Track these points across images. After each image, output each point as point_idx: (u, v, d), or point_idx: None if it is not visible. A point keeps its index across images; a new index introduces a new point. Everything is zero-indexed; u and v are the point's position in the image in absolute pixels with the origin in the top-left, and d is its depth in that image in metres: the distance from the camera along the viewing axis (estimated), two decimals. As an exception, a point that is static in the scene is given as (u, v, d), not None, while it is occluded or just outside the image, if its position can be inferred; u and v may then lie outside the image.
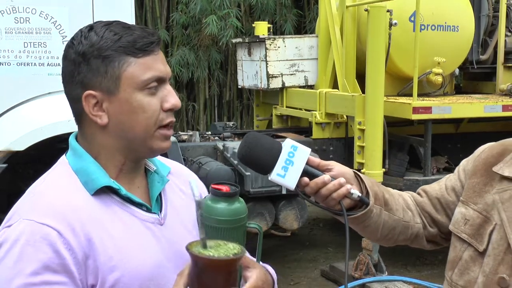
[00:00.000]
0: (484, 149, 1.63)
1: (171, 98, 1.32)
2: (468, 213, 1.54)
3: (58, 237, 1.21)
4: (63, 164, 1.35)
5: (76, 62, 1.28)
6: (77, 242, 1.22)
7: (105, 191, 1.31)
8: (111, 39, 1.27)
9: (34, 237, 1.20)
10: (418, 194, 1.71)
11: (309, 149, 1.47)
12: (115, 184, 1.31)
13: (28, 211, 1.25)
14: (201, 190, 1.54)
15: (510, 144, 1.58)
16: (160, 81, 1.31)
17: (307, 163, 1.45)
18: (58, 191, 1.28)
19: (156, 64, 1.30)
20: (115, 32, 1.28)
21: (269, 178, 1.45)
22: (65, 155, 1.37)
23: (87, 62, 1.27)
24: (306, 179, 1.45)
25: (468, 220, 1.53)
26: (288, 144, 1.45)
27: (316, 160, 1.48)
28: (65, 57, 1.31)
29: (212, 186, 1.40)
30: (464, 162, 1.66)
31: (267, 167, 1.44)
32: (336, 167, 1.50)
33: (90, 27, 1.30)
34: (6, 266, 1.21)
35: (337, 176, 1.47)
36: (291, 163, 1.44)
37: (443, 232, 1.65)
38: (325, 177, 1.45)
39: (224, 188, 1.40)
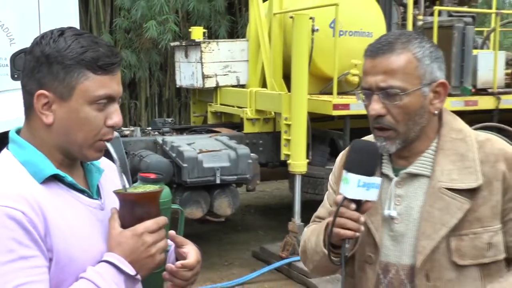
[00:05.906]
0: (340, 157, 1.76)
1: (116, 116, 1.33)
2: None
3: (23, 216, 1.20)
4: (7, 156, 1.33)
5: (39, 61, 1.28)
6: (38, 221, 1.22)
7: (51, 179, 1.31)
8: (77, 51, 1.27)
9: (1, 218, 1.19)
10: (316, 222, 1.77)
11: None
12: (61, 172, 1.32)
13: None
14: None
15: None
16: (110, 99, 1.32)
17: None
18: (10, 180, 1.26)
19: (111, 84, 1.31)
20: (82, 44, 1.28)
21: (370, 178, 1.46)
22: (7, 148, 1.35)
23: (49, 64, 1.27)
24: (370, 204, 1.48)
25: None
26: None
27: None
28: (30, 52, 1.31)
29: (140, 174, 1.56)
30: (331, 176, 1.75)
31: (371, 170, 1.47)
32: None
33: (62, 32, 1.30)
34: None
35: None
36: (370, 187, 1.47)
37: None
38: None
39: (152, 176, 1.55)
